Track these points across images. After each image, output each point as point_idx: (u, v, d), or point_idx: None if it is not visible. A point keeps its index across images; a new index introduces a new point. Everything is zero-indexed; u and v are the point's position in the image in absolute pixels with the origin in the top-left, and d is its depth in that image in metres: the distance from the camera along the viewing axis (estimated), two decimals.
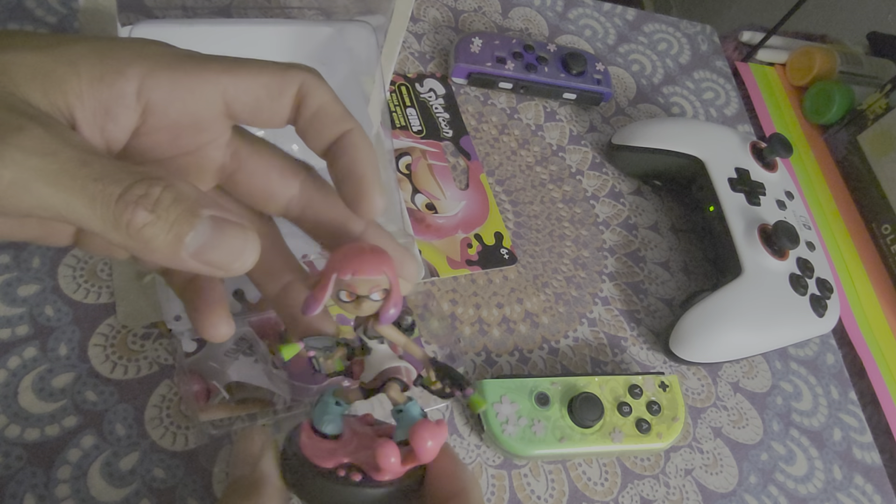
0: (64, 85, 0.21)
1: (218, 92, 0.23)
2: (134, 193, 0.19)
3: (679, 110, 0.63)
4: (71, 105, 0.21)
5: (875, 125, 0.63)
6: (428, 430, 0.25)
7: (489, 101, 0.56)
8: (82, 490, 0.34)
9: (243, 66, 0.24)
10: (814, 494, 0.47)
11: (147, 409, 0.36)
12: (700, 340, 0.46)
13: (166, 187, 0.20)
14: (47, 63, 0.21)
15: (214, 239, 0.21)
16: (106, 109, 0.22)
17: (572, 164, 0.55)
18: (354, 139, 0.25)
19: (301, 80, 0.25)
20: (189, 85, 0.23)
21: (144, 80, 0.22)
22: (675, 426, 0.43)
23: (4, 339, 0.36)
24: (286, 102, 0.25)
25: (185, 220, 0.20)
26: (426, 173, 0.50)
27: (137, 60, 0.22)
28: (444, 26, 0.59)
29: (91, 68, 0.21)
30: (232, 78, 0.24)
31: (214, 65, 0.24)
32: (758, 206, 0.50)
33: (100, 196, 0.19)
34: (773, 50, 0.72)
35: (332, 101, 0.25)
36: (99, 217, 0.19)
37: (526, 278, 0.48)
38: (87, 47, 0.21)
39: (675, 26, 0.69)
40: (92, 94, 0.21)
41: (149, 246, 0.20)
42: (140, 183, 0.20)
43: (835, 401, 0.51)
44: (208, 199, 0.21)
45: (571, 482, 0.42)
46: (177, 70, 0.23)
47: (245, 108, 0.24)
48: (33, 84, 0.20)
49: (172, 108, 0.23)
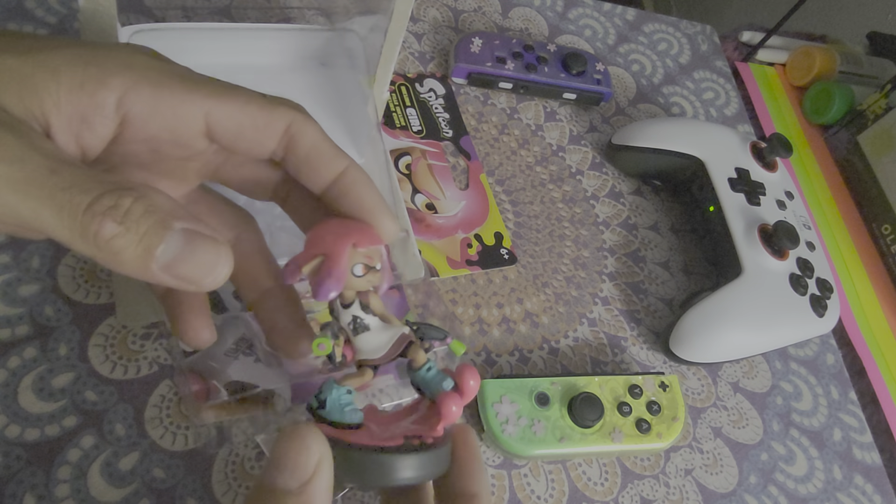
0: (41, 91, 0.20)
1: (201, 115, 0.23)
2: (103, 204, 0.19)
3: (679, 110, 0.63)
4: (47, 112, 0.21)
5: (875, 125, 0.63)
6: (469, 371, 0.26)
7: (489, 101, 0.56)
8: (82, 490, 0.34)
9: (231, 94, 0.24)
10: (814, 494, 0.47)
11: (147, 409, 0.36)
12: (700, 340, 0.46)
13: (137, 198, 0.20)
14: (27, 68, 0.20)
15: (186, 252, 0.20)
16: (83, 117, 0.21)
17: (572, 164, 0.55)
18: (353, 176, 0.25)
19: (289, 119, 0.24)
20: (171, 103, 0.22)
21: (126, 92, 0.22)
22: (675, 426, 0.43)
23: (4, 339, 0.36)
24: (271, 136, 0.24)
25: (156, 232, 0.20)
26: (426, 173, 0.50)
27: (122, 71, 0.22)
28: (444, 26, 0.59)
29: (72, 76, 0.21)
30: (217, 103, 0.23)
31: (201, 87, 0.23)
32: (758, 206, 0.50)
33: (67, 206, 0.19)
34: (773, 50, 0.72)
35: (322, 140, 0.25)
36: (66, 227, 0.19)
37: (526, 278, 0.48)
38: (71, 54, 0.21)
39: (675, 26, 0.69)
40: (70, 102, 0.21)
41: (117, 258, 0.20)
42: (110, 193, 0.19)
43: (835, 401, 0.51)
44: (182, 211, 0.20)
45: (571, 482, 0.42)
46: (161, 86, 0.22)
47: (227, 133, 0.24)
48: (9, 89, 0.20)
49: (152, 123, 0.23)
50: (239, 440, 0.37)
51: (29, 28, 0.46)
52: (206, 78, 0.24)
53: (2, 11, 0.46)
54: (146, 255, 0.20)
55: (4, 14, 0.46)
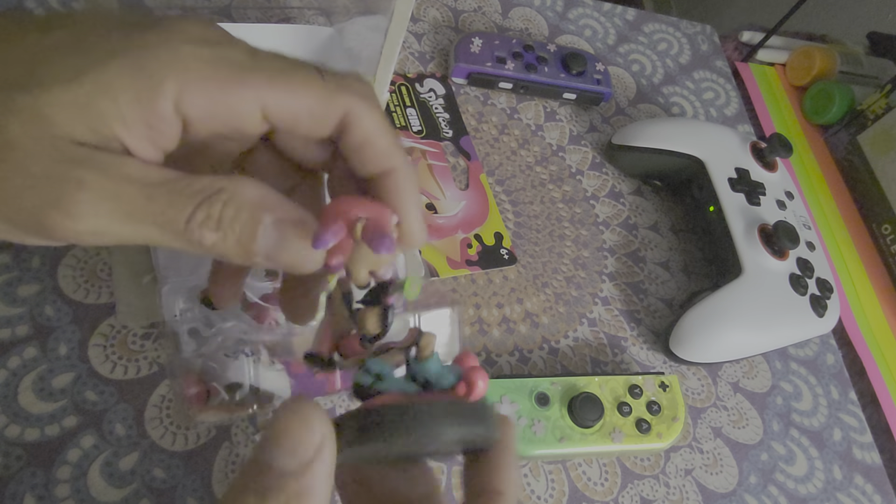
0: (105, 116, 0.21)
1: (257, 107, 0.23)
2: (197, 219, 0.21)
3: (679, 110, 0.63)
4: (117, 132, 0.21)
5: (875, 125, 0.63)
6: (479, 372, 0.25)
7: (489, 101, 0.56)
8: (82, 490, 0.34)
9: (288, 81, 0.23)
10: (814, 494, 0.47)
11: (147, 409, 0.36)
12: (700, 340, 0.46)
13: (227, 201, 0.21)
14: (82, 97, 0.21)
15: (281, 242, 0.22)
16: (149, 126, 0.22)
17: (572, 164, 0.55)
18: (398, 182, 0.25)
19: (348, 107, 0.24)
20: (227, 102, 0.22)
21: (181, 96, 0.22)
22: (675, 426, 0.43)
23: (4, 339, 0.36)
24: (327, 124, 0.24)
25: (249, 230, 0.22)
26: (426, 173, 0.50)
27: (172, 73, 0.21)
28: (444, 26, 0.59)
29: (126, 91, 0.21)
30: (272, 92, 0.23)
31: (255, 75, 0.23)
32: (758, 206, 0.50)
33: (169, 225, 0.21)
34: (773, 50, 0.72)
35: (377, 132, 0.25)
36: (172, 240, 0.21)
37: (526, 278, 0.48)
38: (118, 65, 0.21)
39: (675, 26, 0.69)
40: (132, 116, 0.21)
41: (224, 256, 0.22)
42: (202, 205, 0.21)
43: (835, 401, 0.51)
44: (271, 199, 0.22)
45: (571, 482, 0.42)
46: (213, 82, 0.22)
47: (283, 121, 0.24)
48: (77, 123, 0.21)
49: (211, 123, 0.23)
50: (239, 440, 0.37)
51: None
52: (262, 61, 0.23)
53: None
54: (247, 252, 0.22)
55: None
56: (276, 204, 0.22)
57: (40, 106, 0.20)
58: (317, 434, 0.21)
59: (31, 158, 0.20)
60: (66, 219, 0.20)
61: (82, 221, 0.20)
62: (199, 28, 0.23)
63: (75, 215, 0.20)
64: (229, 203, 0.21)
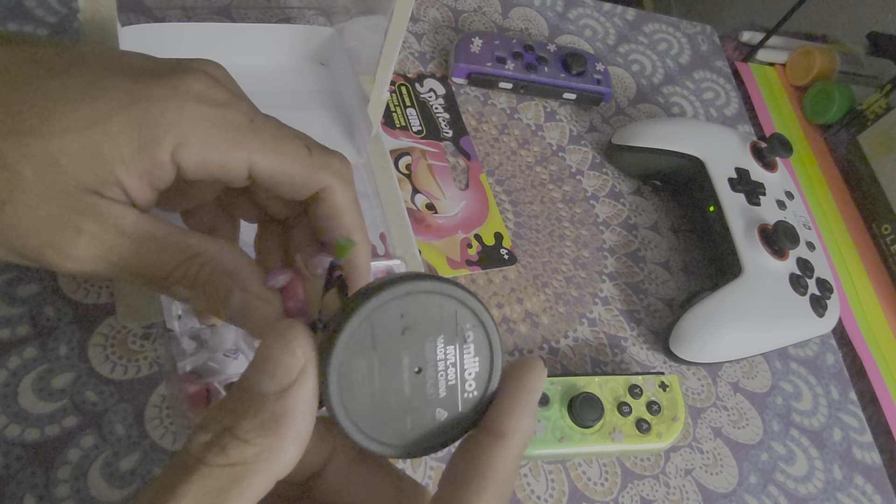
0: (110, 163, 0.23)
1: (245, 166, 0.26)
2: (175, 277, 0.25)
3: (679, 110, 0.63)
4: (119, 176, 0.24)
5: (875, 125, 0.63)
6: None
7: (489, 101, 0.56)
8: (82, 490, 0.34)
9: (279, 150, 0.26)
10: (814, 494, 0.47)
11: (147, 409, 0.36)
12: (700, 340, 0.46)
13: (203, 265, 0.25)
14: (91, 146, 0.23)
15: (245, 311, 0.25)
16: (148, 172, 0.24)
17: (572, 164, 0.55)
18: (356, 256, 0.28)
19: (326, 184, 0.27)
20: (219, 160, 0.25)
21: (178, 149, 0.24)
22: (675, 426, 0.43)
23: (4, 339, 0.36)
24: (304, 193, 0.27)
25: (220, 295, 0.25)
26: (426, 173, 0.50)
27: (172, 129, 0.24)
28: (444, 26, 0.59)
29: (131, 142, 0.24)
30: (262, 158, 0.26)
31: (249, 140, 0.25)
32: (758, 206, 0.50)
33: (153, 278, 0.25)
34: (773, 50, 0.72)
35: (347, 209, 0.27)
36: (153, 288, 0.25)
37: (526, 278, 0.48)
38: (125, 118, 0.23)
39: (675, 26, 0.69)
40: (134, 163, 0.24)
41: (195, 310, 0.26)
42: (180, 266, 0.25)
43: (835, 401, 0.51)
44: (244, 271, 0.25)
45: (571, 482, 0.42)
46: (209, 143, 0.25)
47: (265, 182, 0.26)
48: (85, 171, 0.23)
49: (202, 173, 0.25)
50: None
51: (29, 28, 0.46)
52: (257, 125, 0.26)
53: (2, 11, 0.46)
54: (215, 311, 0.25)
55: (4, 14, 0.46)
56: (248, 277, 0.25)
57: (52, 153, 0.23)
58: (299, 358, 0.20)
59: (39, 202, 0.23)
60: (63, 260, 0.24)
61: (78, 264, 0.24)
62: (203, 86, 0.25)
63: (72, 258, 0.24)
64: (205, 266, 0.25)
